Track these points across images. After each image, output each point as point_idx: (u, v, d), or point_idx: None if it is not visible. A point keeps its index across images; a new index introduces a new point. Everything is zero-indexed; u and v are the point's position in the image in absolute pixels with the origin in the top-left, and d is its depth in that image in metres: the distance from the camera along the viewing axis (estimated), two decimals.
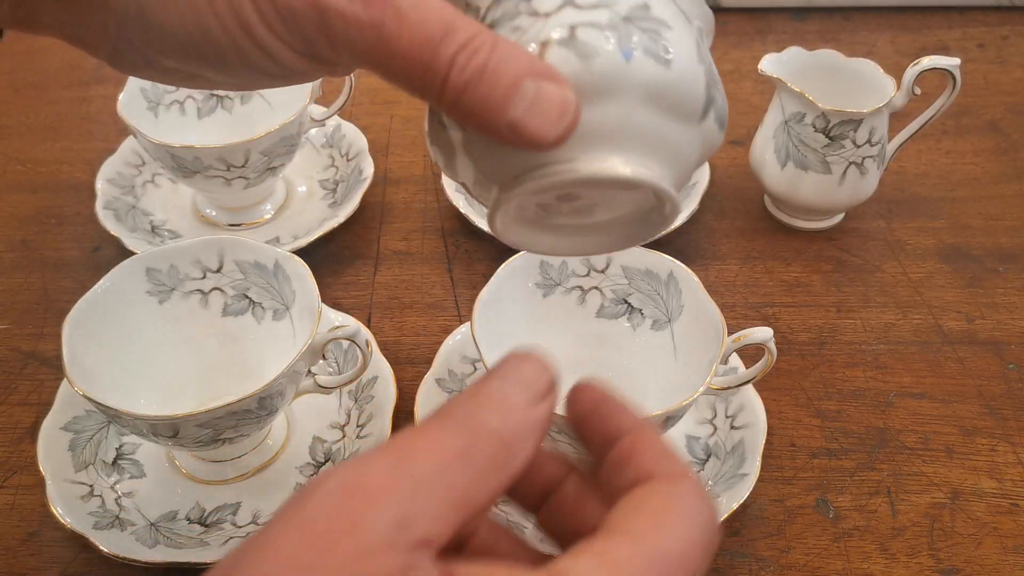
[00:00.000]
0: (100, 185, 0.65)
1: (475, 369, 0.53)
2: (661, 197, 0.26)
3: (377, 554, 0.19)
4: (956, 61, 0.59)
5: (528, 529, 0.43)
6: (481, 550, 0.25)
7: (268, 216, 0.66)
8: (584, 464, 0.26)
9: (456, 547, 0.24)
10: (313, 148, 0.70)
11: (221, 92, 0.67)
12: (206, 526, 0.46)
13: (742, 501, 0.45)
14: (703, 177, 0.65)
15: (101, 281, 0.47)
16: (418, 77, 0.23)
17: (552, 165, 0.24)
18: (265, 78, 0.26)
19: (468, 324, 0.52)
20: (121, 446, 0.50)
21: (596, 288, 0.52)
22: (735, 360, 0.52)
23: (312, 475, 0.49)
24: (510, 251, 0.46)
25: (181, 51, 0.25)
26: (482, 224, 0.62)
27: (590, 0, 0.24)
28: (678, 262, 0.49)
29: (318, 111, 0.65)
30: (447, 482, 0.20)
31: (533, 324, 0.51)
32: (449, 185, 0.64)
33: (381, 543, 0.19)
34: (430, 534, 0.19)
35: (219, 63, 0.25)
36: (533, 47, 0.24)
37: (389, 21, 0.22)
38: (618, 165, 0.24)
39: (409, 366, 0.55)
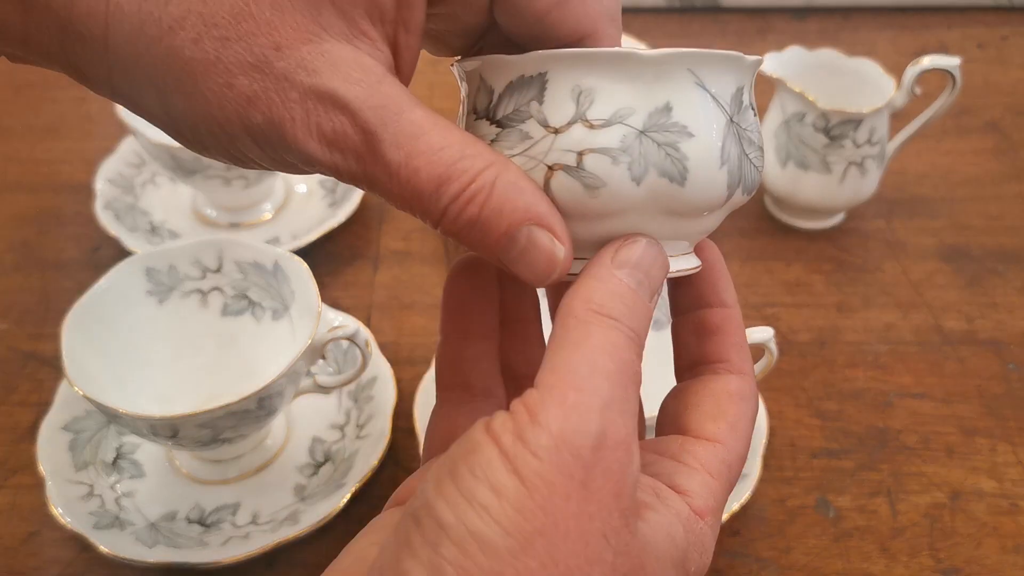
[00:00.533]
0: (100, 185, 0.65)
1: None
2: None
3: (630, 497, 0.21)
4: (956, 61, 0.59)
5: None
6: None
7: (268, 216, 0.66)
8: None
9: None
10: None
11: None
12: (206, 526, 0.46)
13: (743, 502, 0.45)
14: None
15: (101, 281, 0.47)
16: (414, 214, 0.23)
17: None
18: None
19: None
20: (121, 446, 0.50)
21: None
22: None
23: (312, 475, 0.49)
24: None
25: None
26: None
27: (603, 115, 0.23)
28: None
29: None
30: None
31: None
32: None
33: (633, 485, 0.21)
34: None
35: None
36: (539, 170, 0.23)
37: (380, 176, 0.22)
38: None
39: (409, 366, 0.55)
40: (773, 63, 0.61)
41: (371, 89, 0.22)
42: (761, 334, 0.45)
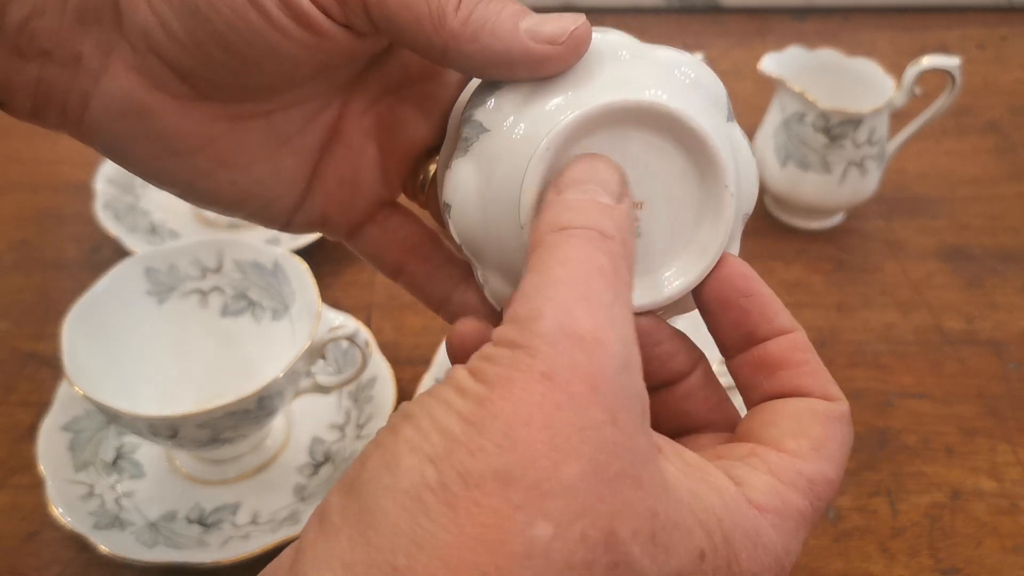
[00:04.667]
0: (100, 185, 0.65)
1: None
2: (684, 128, 0.23)
3: (614, 394, 0.19)
4: (956, 61, 0.59)
5: None
6: None
7: None
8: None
9: None
10: None
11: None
12: (206, 526, 0.46)
13: None
14: None
15: (100, 281, 0.47)
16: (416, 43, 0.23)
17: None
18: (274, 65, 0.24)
19: None
20: (121, 446, 0.50)
21: None
22: None
23: (312, 475, 0.49)
24: None
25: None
26: None
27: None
28: None
29: None
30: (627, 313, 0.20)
31: None
32: None
33: (616, 379, 0.19)
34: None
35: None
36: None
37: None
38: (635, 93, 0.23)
39: (408, 366, 0.55)
40: (773, 63, 0.61)
41: None
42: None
